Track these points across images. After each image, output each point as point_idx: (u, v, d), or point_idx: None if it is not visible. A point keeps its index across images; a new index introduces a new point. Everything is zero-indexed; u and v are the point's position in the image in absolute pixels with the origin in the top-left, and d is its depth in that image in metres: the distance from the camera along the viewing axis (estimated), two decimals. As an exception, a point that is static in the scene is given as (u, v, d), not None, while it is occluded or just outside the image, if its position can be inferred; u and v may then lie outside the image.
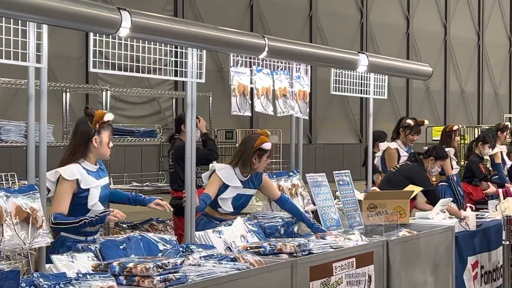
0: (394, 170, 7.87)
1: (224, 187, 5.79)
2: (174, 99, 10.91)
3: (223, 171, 5.80)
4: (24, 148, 8.99)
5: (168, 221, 8.28)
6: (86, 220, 4.65)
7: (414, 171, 7.63)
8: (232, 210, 5.88)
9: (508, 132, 11.18)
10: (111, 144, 4.90)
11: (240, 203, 5.94)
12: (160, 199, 5.08)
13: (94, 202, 4.82)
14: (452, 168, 8.65)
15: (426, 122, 8.99)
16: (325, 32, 28.75)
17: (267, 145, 5.75)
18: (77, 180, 4.76)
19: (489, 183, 8.90)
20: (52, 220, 4.64)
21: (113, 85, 11.23)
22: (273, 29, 25.38)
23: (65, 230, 4.74)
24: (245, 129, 24.81)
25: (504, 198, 7.53)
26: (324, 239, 5.58)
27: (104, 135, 4.85)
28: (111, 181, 8.48)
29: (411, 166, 7.73)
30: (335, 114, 28.48)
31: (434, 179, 8.70)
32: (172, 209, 5.54)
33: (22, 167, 5.38)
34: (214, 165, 5.91)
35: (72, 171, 4.76)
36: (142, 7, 4.35)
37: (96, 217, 4.66)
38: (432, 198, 7.69)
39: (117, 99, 19.82)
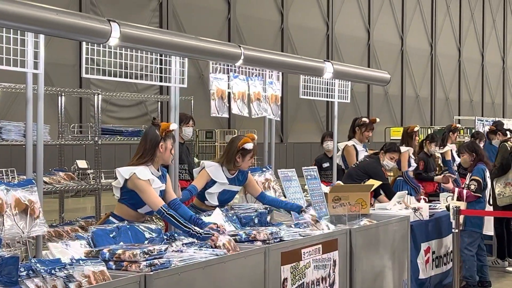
0: (354, 166, 7.92)
1: (211, 182, 5.75)
2: (159, 102, 10.87)
3: (212, 168, 5.76)
4: (23, 146, 8.93)
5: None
6: (192, 231, 4.75)
7: (371, 167, 7.69)
8: (217, 203, 5.84)
9: (458, 132, 11.25)
10: (173, 151, 5.02)
11: (225, 198, 5.90)
12: (215, 224, 4.99)
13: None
14: (410, 165, 8.70)
15: (378, 120, 9.02)
16: (295, 42, 28.80)
17: (249, 145, 5.73)
18: (149, 180, 4.84)
19: (450, 179, 8.92)
20: (166, 210, 4.78)
21: (104, 90, 11.15)
22: (249, 39, 25.40)
23: (171, 223, 4.88)
24: (223, 129, 24.81)
25: (457, 199, 7.58)
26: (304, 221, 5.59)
27: (168, 142, 4.95)
28: (103, 177, 8.44)
29: (368, 162, 7.80)
30: (303, 116, 28.55)
31: (391, 173, 8.74)
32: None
33: (21, 164, 5.35)
34: (204, 162, 5.85)
35: (145, 172, 4.87)
36: (131, 19, 4.35)
37: (200, 234, 4.73)
38: (386, 191, 7.74)
39: (108, 102, 19.72)
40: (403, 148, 8.57)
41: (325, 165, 9.05)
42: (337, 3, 31.34)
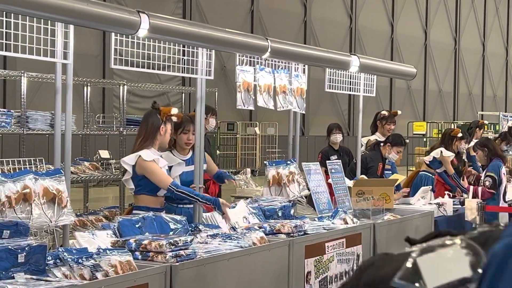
0: (354, 161, 7.89)
1: (168, 170, 5.41)
2: (183, 94, 10.90)
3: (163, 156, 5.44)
4: (47, 136, 8.98)
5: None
6: (207, 200, 5.13)
7: (369, 159, 7.69)
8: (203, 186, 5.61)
9: (484, 129, 11.16)
10: (169, 135, 5.19)
11: (189, 180, 5.51)
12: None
13: None
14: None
15: (399, 112, 8.94)
16: (318, 35, 28.71)
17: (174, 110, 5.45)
18: (154, 160, 4.99)
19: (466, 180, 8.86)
20: (175, 188, 4.98)
21: (128, 80, 11.22)
22: (271, 32, 25.34)
23: (184, 198, 5.17)
24: (245, 121, 24.81)
25: (473, 196, 7.52)
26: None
27: (168, 126, 5.10)
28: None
29: (368, 154, 7.81)
30: (325, 109, 28.47)
31: (414, 168, 8.66)
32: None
33: (45, 153, 5.41)
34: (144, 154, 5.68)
35: (149, 153, 5.01)
36: (154, 10, 4.33)
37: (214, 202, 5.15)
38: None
39: (130, 93, 19.78)
40: (447, 152, 8.42)
41: (333, 157, 8.98)
42: (361, -4, 31.20)
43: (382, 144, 7.79)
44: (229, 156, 23.68)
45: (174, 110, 5.02)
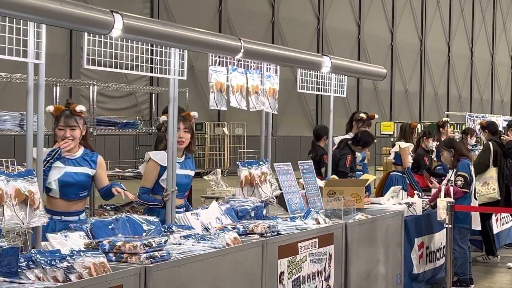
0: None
1: (162, 169, 5.39)
2: (150, 94, 10.85)
3: (159, 156, 5.46)
4: (13, 136, 8.85)
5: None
6: None
7: (339, 154, 7.78)
8: (176, 187, 5.36)
9: (448, 126, 11.30)
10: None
11: (182, 183, 5.48)
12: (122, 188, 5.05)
13: None
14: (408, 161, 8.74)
15: (376, 116, 9.06)
16: (286, 35, 28.78)
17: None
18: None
19: (433, 180, 8.98)
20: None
21: (96, 80, 11.13)
22: (240, 32, 25.34)
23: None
24: (213, 121, 24.78)
25: (444, 196, 7.61)
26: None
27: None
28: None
29: (337, 152, 7.91)
30: (293, 110, 28.54)
31: (382, 168, 8.77)
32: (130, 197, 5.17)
33: (11, 154, 5.32)
34: (149, 153, 5.59)
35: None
36: (122, 10, 4.28)
37: None
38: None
39: (98, 93, 19.61)
40: (404, 144, 8.59)
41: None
42: (328, -3, 31.35)
43: (350, 141, 7.87)
44: (198, 157, 23.60)
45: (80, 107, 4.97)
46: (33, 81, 4.20)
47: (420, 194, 8.20)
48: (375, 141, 8.03)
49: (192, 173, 5.65)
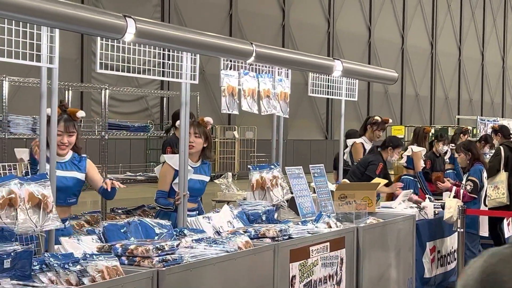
0: (356, 163, 7.96)
1: (176, 173, 5.44)
2: (161, 98, 10.89)
3: (173, 159, 5.50)
4: (24, 140, 8.96)
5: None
6: None
7: (368, 161, 7.75)
8: (188, 192, 5.39)
9: (468, 135, 11.25)
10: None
11: (195, 188, 5.55)
12: (111, 179, 5.03)
13: None
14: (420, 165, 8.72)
15: (390, 120, 9.06)
16: (296, 39, 28.80)
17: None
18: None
19: (445, 179, 8.95)
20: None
21: (106, 84, 11.19)
22: (250, 35, 25.38)
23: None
24: (223, 125, 24.81)
25: (454, 196, 7.58)
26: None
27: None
28: (106, 171, 8.44)
29: (368, 156, 7.86)
30: (304, 113, 28.55)
31: (392, 172, 8.76)
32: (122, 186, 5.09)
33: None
34: (164, 156, 5.66)
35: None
36: (133, 14, 4.30)
37: None
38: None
39: (109, 96, 19.68)
40: (416, 148, 8.57)
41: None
42: (339, 1, 31.34)
43: (380, 148, 7.86)
44: (208, 160, 23.63)
45: (80, 113, 4.91)
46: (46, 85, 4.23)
47: (431, 198, 8.18)
48: (404, 145, 8.03)
49: (206, 178, 5.70)
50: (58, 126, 4.68)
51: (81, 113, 4.89)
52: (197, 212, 5.60)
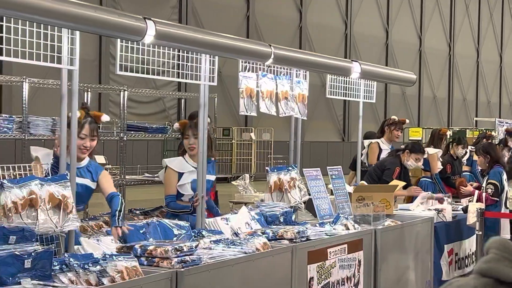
0: (374, 166, 7.94)
1: (179, 175, 5.50)
2: (178, 99, 10.94)
3: (175, 162, 5.52)
4: (43, 141, 9.05)
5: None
6: None
7: (386, 163, 7.73)
8: (191, 192, 5.45)
9: (492, 139, 11.17)
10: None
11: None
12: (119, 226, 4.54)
13: None
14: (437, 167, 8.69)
15: (407, 121, 9.04)
16: (313, 41, 28.78)
17: (176, 125, 5.71)
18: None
19: (467, 183, 8.91)
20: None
21: (125, 86, 11.25)
22: (267, 37, 25.39)
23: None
24: (240, 127, 24.84)
25: (476, 201, 7.55)
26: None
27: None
28: (125, 172, 8.48)
29: (385, 160, 7.84)
30: (321, 115, 28.52)
31: (410, 173, 8.73)
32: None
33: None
34: (165, 160, 5.60)
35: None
36: (150, 15, 4.32)
37: None
38: None
39: (127, 98, 19.77)
40: (432, 150, 8.55)
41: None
42: (356, 2, 31.28)
43: (401, 152, 7.83)
44: (225, 162, 23.68)
45: (105, 118, 4.83)
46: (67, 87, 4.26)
47: (449, 200, 8.14)
48: (424, 152, 7.95)
49: (212, 177, 5.63)
50: (83, 129, 4.64)
51: (105, 117, 4.81)
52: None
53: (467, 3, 39.64)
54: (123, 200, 4.59)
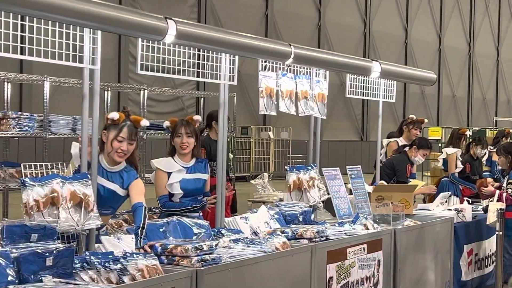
0: (382, 164, 7.90)
1: (168, 175, 5.34)
2: (197, 98, 10.98)
3: (163, 163, 5.39)
4: (63, 139, 9.12)
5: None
6: None
7: (396, 161, 7.70)
8: (181, 192, 5.34)
9: (511, 137, 11.09)
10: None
11: (191, 188, 5.37)
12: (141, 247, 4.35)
13: None
14: (456, 167, 8.65)
15: (426, 120, 9.01)
16: (332, 39, 28.74)
17: (166, 123, 5.46)
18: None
19: (488, 183, 8.86)
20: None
21: (145, 85, 11.29)
22: (286, 36, 25.39)
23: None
24: (258, 125, 24.86)
25: (497, 200, 7.51)
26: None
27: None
28: (144, 171, 8.51)
29: (394, 157, 7.81)
30: (339, 114, 28.48)
31: (429, 173, 8.67)
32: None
33: (60, 157, 5.43)
34: (153, 162, 5.43)
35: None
36: (169, 14, 4.33)
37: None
38: None
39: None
40: (451, 150, 8.52)
41: None
42: (375, 1, 31.18)
43: (408, 147, 7.81)
44: (243, 160, 23.72)
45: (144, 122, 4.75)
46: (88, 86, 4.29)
47: (468, 200, 8.10)
48: (431, 147, 7.91)
49: (205, 176, 5.46)
50: (121, 132, 4.58)
51: (145, 122, 4.72)
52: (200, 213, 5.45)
53: (487, 2, 39.39)
54: (146, 212, 4.47)
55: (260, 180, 8.96)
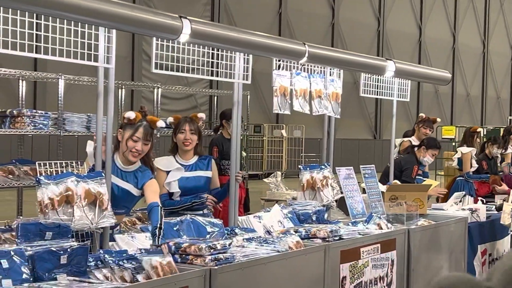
0: (388, 164, 7.87)
1: (167, 173, 5.34)
2: (210, 96, 10.99)
3: (162, 162, 5.38)
4: (76, 137, 9.15)
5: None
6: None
7: (404, 162, 7.67)
8: (178, 190, 5.33)
9: None
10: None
11: (190, 186, 5.37)
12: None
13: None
14: (471, 166, 8.62)
15: (438, 120, 8.97)
16: (345, 38, 28.68)
17: (165, 122, 5.34)
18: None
19: (501, 182, 8.84)
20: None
21: (159, 83, 11.32)
22: (299, 34, 25.36)
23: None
24: (271, 124, 24.85)
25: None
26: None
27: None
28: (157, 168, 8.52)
29: (402, 158, 7.77)
30: (352, 112, 28.41)
31: (442, 172, 8.64)
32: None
33: (74, 155, 5.44)
34: (154, 161, 5.34)
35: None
36: (183, 13, 4.33)
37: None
38: None
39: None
40: (465, 149, 8.49)
41: None
42: (389, -1, 31.11)
43: (416, 147, 7.78)
44: (256, 158, 23.72)
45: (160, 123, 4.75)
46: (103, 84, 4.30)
47: (482, 200, 8.07)
48: (440, 147, 7.87)
49: (207, 173, 5.43)
50: (136, 132, 4.58)
51: (161, 123, 4.72)
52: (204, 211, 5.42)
53: (502, 0, 39.18)
54: (162, 212, 4.42)
55: (273, 178, 8.95)
